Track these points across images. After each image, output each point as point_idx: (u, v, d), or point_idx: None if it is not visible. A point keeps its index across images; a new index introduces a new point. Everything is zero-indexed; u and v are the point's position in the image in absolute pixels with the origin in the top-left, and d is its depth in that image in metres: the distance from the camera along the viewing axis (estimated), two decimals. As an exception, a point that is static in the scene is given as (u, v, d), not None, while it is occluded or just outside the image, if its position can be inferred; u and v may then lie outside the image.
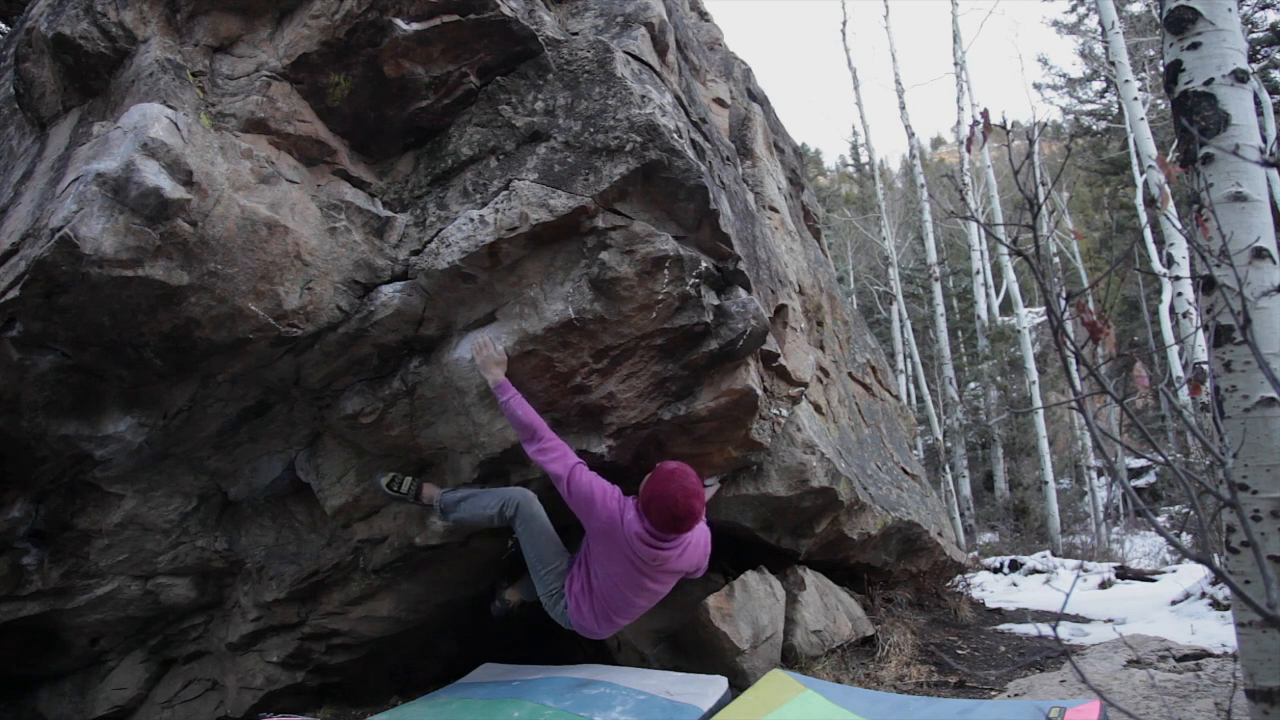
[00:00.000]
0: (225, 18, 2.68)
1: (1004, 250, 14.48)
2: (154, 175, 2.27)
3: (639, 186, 2.68)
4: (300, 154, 2.69)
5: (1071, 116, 19.39)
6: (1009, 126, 1.83)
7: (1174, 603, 5.33)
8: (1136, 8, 14.78)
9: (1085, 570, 7.91)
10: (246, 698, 3.61)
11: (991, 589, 7.30)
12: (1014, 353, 15.37)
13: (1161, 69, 2.53)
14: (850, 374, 5.28)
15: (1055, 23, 17.93)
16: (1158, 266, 10.48)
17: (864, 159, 27.65)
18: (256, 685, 3.59)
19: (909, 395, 15.88)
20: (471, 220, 2.66)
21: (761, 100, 5.24)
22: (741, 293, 2.95)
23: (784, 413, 3.44)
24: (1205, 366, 2.08)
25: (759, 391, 3.13)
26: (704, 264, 2.78)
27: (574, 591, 2.88)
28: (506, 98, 2.80)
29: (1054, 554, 9.66)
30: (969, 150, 12.91)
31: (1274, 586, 1.17)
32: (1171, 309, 10.40)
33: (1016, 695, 3.29)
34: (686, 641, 3.56)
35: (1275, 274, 1.95)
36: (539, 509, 2.96)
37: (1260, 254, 1.95)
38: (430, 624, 3.73)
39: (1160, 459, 1.44)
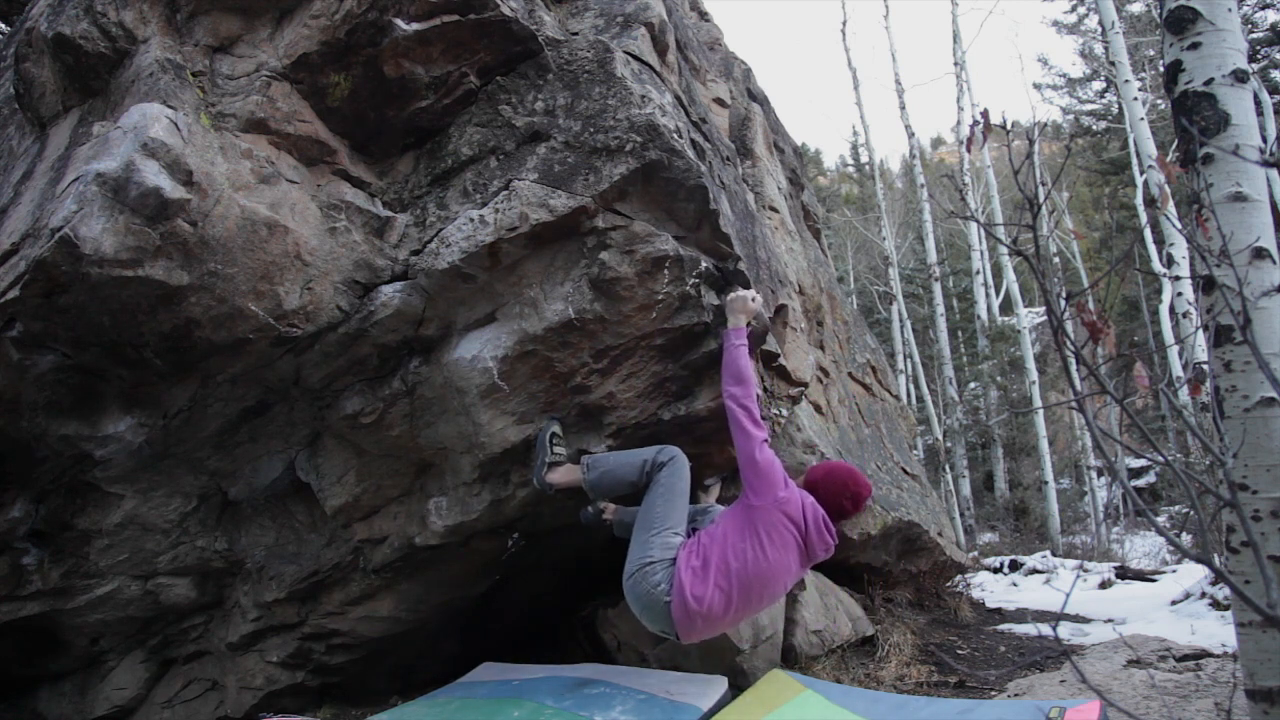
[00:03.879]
0: (225, 18, 2.68)
1: (1004, 250, 14.48)
2: (154, 175, 2.27)
3: (639, 186, 2.68)
4: (300, 154, 2.70)
5: (1071, 116, 19.39)
6: (1009, 126, 1.83)
7: (1174, 603, 5.33)
8: (1136, 8, 14.77)
9: (1085, 570, 7.91)
10: (246, 698, 3.60)
11: (991, 589, 7.29)
12: (1014, 353, 15.36)
13: (1161, 69, 2.53)
14: (850, 374, 5.28)
15: (1055, 23, 17.95)
16: (1158, 266, 10.48)
17: (864, 159, 27.66)
18: (256, 685, 3.59)
19: (909, 395, 15.88)
20: (471, 220, 2.66)
21: (761, 100, 5.24)
22: (741, 293, 2.94)
23: (784, 413, 3.44)
24: (1205, 366, 2.08)
25: (759, 391, 3.12)
26: (704, 264, 2.78)
27: (693, 567, 2.50)
28: (506, 98, 2.80)
29: (1054, 554, 9.65)
30: (969, 150, 12.90)
31: (1274, 586, 1.17)
32: (1171, 309, 10.39)
33: (1016, 695, 3.29)
34: (686, 641, 3.55)
35: (1275, 274, 1.95)
36: (688, 467, 2.73)
37: (1260, 254, 1.95)
38: (430, 624, 3.73)
39: (1160, 459, 1.43)
